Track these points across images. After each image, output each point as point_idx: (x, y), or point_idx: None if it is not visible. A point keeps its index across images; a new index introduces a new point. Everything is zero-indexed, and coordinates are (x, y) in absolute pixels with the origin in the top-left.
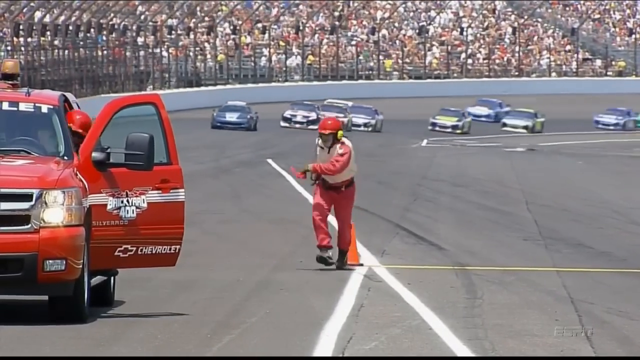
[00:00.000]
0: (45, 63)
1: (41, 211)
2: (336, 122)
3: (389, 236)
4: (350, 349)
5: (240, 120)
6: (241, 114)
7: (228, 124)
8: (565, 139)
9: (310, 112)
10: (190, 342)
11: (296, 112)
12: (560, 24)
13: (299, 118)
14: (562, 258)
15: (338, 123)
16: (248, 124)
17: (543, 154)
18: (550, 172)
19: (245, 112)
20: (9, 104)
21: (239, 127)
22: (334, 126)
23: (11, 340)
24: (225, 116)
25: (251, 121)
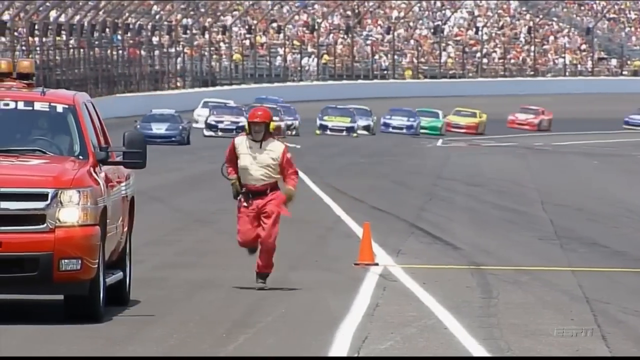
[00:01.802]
0: (61, 63)
1: (57, 211)
2: (267, 111)
3: (405, 236)
4: (366, 349)
5: (170, 132)
6: (170, 125)
7: (155, 138)
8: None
9: (238, 117)
10: (206, 342)
11: (221, 117)
12: (576, 23)
13: (226, 124)
14: (578, 257)
15: (269, 112)
16: (180, 137)
17: (557, 153)
18: (565, 171)
19: (175, 122)
20: (24, 104)
21: (168, 141)
22: (266, 115)
23: (27, 339)
24: (151, 128)
25: (183, 133)
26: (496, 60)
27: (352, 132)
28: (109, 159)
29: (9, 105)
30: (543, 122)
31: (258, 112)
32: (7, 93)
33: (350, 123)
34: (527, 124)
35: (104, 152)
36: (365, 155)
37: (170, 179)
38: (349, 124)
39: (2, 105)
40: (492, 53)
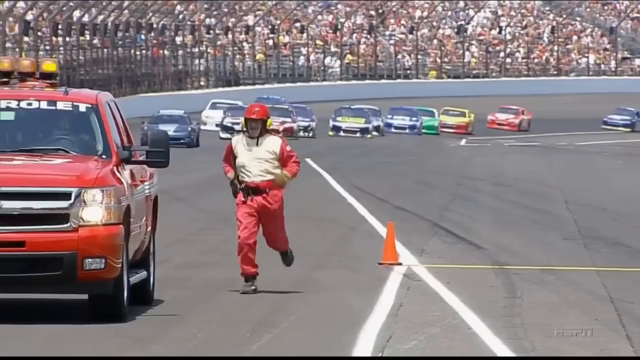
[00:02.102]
0: (84, 62)
1: (80, 210)
2: (264, 108)
3: (428, 235)
4: (390, 348)
5: (179, 134)
6: (179, 126)
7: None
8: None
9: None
10: (230, 341)
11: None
12: (599, 23)
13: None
14: (602, 257)
15: (266, 108)
16: (189, 139)
17: (581, 153)
18: (589, 171)
19: (184, 123)
20: (47, 103)
21: (176, 142)
22: (263, 112)
23: (51, 339)
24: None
25: (192, 134)
26: (519, 60)
27: (367, 134)
28: (132, 158)
29: (32, 104)
30: (523, 122)
31: (255, 108)
32: (30, 93)
33: (365, 124)
34: (508, 124)
35: (127, 152)
36: (389, 155)
37: (193, 179)
38: (363, 124)
39: (25, 105)
40: (515, 53)
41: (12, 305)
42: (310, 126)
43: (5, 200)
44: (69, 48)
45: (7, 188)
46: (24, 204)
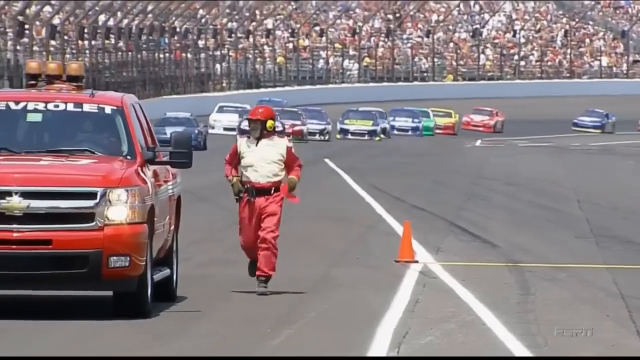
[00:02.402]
0: (109, 65)
1: (105, 209)
2: (268, 109)
3: (444, 234)
4: (406, 344)
5: None
6: (186, 129)
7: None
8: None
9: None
10: (250, 338)
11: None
12: (611, 26)
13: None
14: (613, 255)
15: (270, 111)
16: (195, 141)
17: (593, 153)
18: (601, 171)
19: (190, 125)
20: (73, 105)
21: None
22: (266, 113)
23: (76, 335)
24: (165, 132)
25: (199, 137)
26: (533, 63)
27: (374, 136)
28: (156, 159)
29: (59, 106)
30: (497, 123)
31: (259, 109)
32: (57, 95)
33: (372, 126)
34: (483, 126)
35: (151, 152)
36: (405, 156)
37: (215, 180)
38: (371, 127)
39: (52, 107)
40: (529, 56)
41: (39, 302)
42: (326, 129)
43: (33, 200)
44: (94, 51)
45: (34, 188)
46: (51, 203)
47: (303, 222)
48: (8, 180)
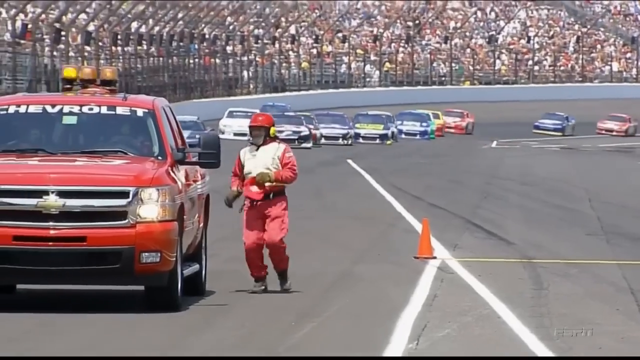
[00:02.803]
0: (141, 70)
1: (137, 207)
2: (269, 117)
3: (461, 231)
4: (425, 336)
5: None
6: (192, 133)
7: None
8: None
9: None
10: (275, 330)
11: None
12: (621, 33)
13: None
14: (623, 252)
15: (271, 118)
16: None
17: (605, 154)
18: (611, 171)
19: (197, 129)
20: (107, 108)
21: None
22: (268, 120)
23: (109, 327)
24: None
25: None
26: (547, 68)
27: (386, 140)
28: (185, 159)
29: (93, 109)
30: (469, 125)
31: (259, 117)
32: (91, 98)
33: (383, 130)
34: (455, 127)
35: (181, 153)
36: (424, 157)
37: None
38: (382, 131)
39: (87, 110)
40: (542, 61)
41: (75, 296)
42: (348, 133)
43: (68, 199)
44: (127, 57)
45: (70, 187)
46: (86, 202)
47: (327, 220)
48: (45, 180)
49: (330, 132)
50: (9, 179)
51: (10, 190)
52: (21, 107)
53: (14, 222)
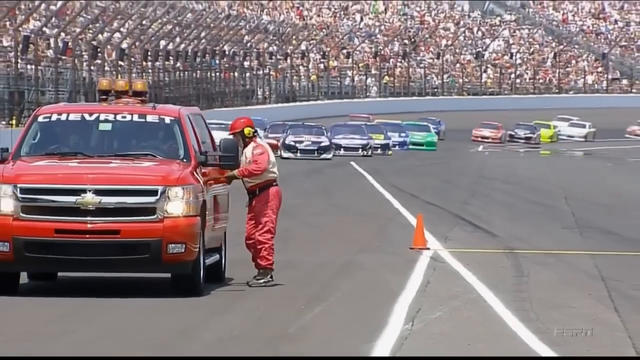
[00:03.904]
0: (169, 83)
1: (165, 204)
2: (238, 121)
3: (451, 225)
4: (419, 318)
5: None
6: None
7: None
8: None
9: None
10: (287, 312)
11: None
12: (593, 49)
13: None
14: (595, 243)
15: (246, 121)
16: None
17: (578, 157)
18: (584, 172)
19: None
20: (138, 116)
21: None
22: (236, 125)
23: (140, 310)
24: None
25: None
26: (527, 80)
27: (387, 150)
28: (207, 162)
29: (126, 117)
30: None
31: (232, 124)
32: (124, 108)
33: (384, 140)
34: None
35: (204, 156)
36: (420, 159)
37: None
38: (383, 140)
39: (120, 118)
40: (524, 74)
41: (108, 283)
42: (368, 144)
43: (104, 196)
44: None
45: (105, 186)
46: (119, 199)
47: (333, 216)
48: (83, 179)
49: (349, 142)
50: (52, 179)
51: (53, 188)
52: (62, 115)
53: (55, 217)
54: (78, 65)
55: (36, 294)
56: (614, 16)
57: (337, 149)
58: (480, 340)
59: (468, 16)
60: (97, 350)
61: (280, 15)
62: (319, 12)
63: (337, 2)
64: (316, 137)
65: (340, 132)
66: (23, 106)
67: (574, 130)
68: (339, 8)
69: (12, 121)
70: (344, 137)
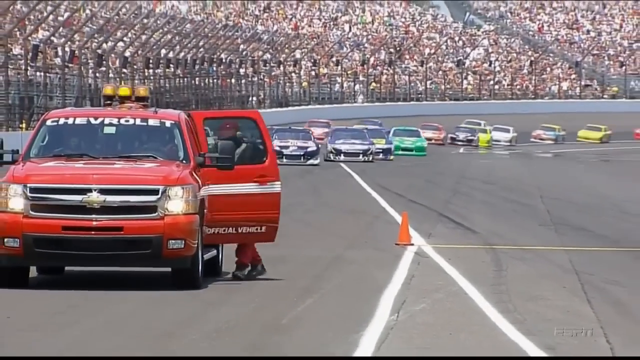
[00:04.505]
0: (169, 89)
1: (165, 202)
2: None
3: (434, 222)
4: (404, 310)
5: None
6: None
7: None
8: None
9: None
10: (281, 304)
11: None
12: (567, 58)
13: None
14: (569, 239)
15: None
16: None
17: (553, 158)
18: (559, 172)
19: None
20: (140, 120)
21: None
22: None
23: (142, 302)
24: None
25: None
26: (505, 86)
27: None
28: (205, 163)
29: (129, 121)
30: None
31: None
32: (127, 112)
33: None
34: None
35: (202, 158)
36: (405, 161)
37: None
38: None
39: (124, 122)
40: (502, 81)
41: (112, 276)
42: (369, 150)
43: (108, 195)
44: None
45: (109, 186)
46: (123, 198)
47: (323, 213)
48: (89, 179)
49: (349, 148)
50: (59, 179)
51: (60, 188)
52: (69, 119)
53: (62, 215)
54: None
55: (45, 287)
56: (587, 26)
57: (337, 154)
58: (461, 330)
59: (450, 26)
60: (101, 340)
61: (273, 25)
62: (310, 22)
63: (327, 13)
64: (303, 142)
65: (341, 137)
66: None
67: (500, 135)
68: (329, 19)
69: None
70: (344, 142)
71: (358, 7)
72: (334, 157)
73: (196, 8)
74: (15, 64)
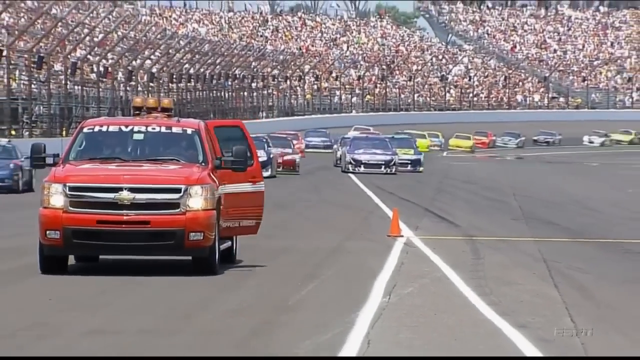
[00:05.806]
0: (190, 100)
1: (187, 200)
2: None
3: (421, 216)
4: (394, 293)
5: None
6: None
7: None
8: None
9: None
10: (286, 288)
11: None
12: (537, 73)
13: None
14: (538, 232)
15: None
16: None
17: (526, 161)
18: (528, 173)
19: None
20: (165, 128)
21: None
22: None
23: (166, 286)
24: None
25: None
26: (483, 98)
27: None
28: (221, 165)
29: (155, 129)
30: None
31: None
32: (154, 121)
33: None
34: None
35: (218, 160)
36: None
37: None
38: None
39: (150, 129)
40: (480, 94)
41: (140, 264)
42: (392, 160)
43: (137, 193)
44: (180, 91)
45: (138, 185)
46: (150, 195)
47: (324, 209)
48: (120, 180)
49: (370, 158)
50: (94, 179)
51: (95, 187)
52: (103, 127)
53: (97, 210)
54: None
55: (82, 273)
56: (554, 46)
57: (356, 165)
58: (444, 311)
59: (434, 46)
60: (132, 319)
61: (281, 45)
62: (313, 42)
63: (328, 34)
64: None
65: (360, 146)
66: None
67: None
68: (329, 39)
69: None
70: (365, 152)
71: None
72: (353, 169)
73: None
74: (56, 79)
